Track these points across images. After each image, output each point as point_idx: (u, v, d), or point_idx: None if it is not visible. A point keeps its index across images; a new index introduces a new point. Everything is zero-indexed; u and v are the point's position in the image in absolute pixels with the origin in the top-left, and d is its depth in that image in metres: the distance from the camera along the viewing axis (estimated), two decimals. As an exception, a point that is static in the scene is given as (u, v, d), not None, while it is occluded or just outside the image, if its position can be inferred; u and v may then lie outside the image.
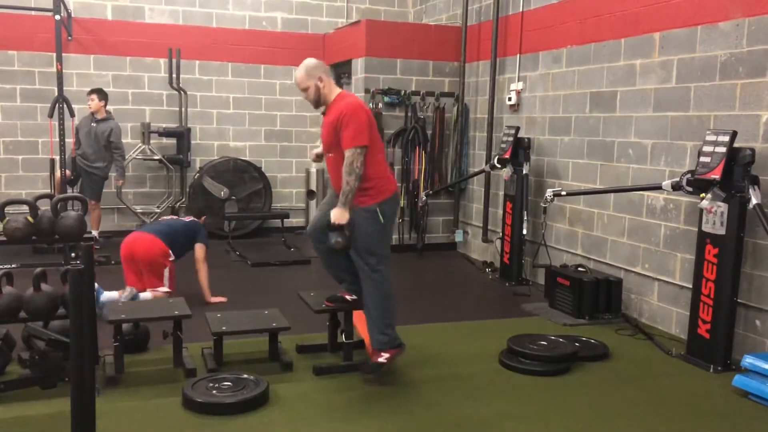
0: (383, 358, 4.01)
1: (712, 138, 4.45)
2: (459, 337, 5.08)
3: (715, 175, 4.33)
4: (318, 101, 3.97)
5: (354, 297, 4.24)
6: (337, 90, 4.01)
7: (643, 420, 3.70)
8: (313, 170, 9.27)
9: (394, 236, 8.21)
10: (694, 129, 4.97)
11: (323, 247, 4.12)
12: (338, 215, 3.83)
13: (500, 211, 7.17)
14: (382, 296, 4.00)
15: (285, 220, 8.76)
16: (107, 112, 7.78)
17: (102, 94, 7.69)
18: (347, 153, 3.80)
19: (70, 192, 7.63)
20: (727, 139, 4.35)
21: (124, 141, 8.60)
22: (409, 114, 8.01)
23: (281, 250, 8.13)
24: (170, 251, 5.55)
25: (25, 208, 4.12)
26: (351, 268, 4.12)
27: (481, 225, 7.73)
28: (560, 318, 5.52)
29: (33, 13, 7.99)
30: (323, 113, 4.01)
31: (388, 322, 4.04)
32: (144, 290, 5.38)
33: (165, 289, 5.43)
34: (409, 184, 8.06)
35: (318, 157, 4.34)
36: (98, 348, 4.11)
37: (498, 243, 7.17)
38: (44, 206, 4.26)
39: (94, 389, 2.85)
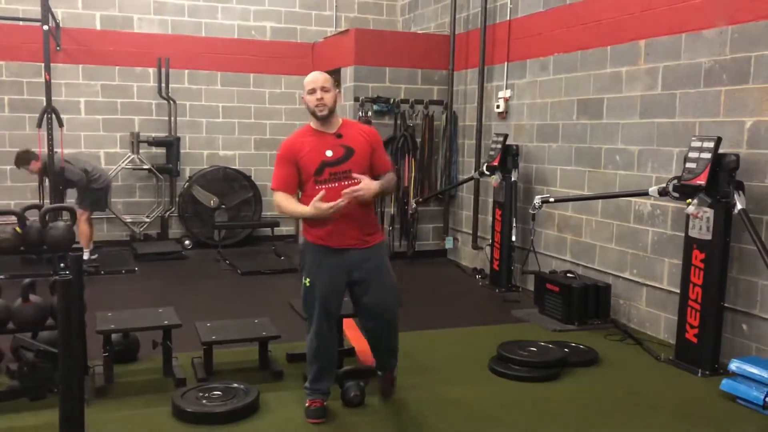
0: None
1: (698, 144, 4.50)
2: (449, 343, 5.09)
3: (701, 181, 4.38)
4: (331, 111, 3.56)
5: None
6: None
7: (632, 425, 3.72)
8: (303, 178, 9.26)
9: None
10: (680, 135, 5.02)
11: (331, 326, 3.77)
12: (367, 187, 3.49)
13: (489, 218, 7.20)
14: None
15: (275, 228, 8.76)
16: None
17: None
18: (390, 174, 3.75)
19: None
20: (712, 145, 4.39)
21: (113, 151, 8.64)
22: (398, 122, 8.03)
23: (271, 258, 8.13)
24: None
25: (13, 218, 4.11)
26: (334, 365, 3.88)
27: (471, 232, 7.76)
28: (550, 324, 5.54)
29: (21, 23, 7.98)
30: (338, 135, 3.60)
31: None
32: None
33: None
34: (398, 191, 8.07)
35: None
36: (87, 358, 4.10)
37: (488, 250, 7.19)
38: (33, 217, 4.25)
39: (83, 400, 2.84)
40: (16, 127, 8.24)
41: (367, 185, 3.49)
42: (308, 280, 3.63)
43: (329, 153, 3.56)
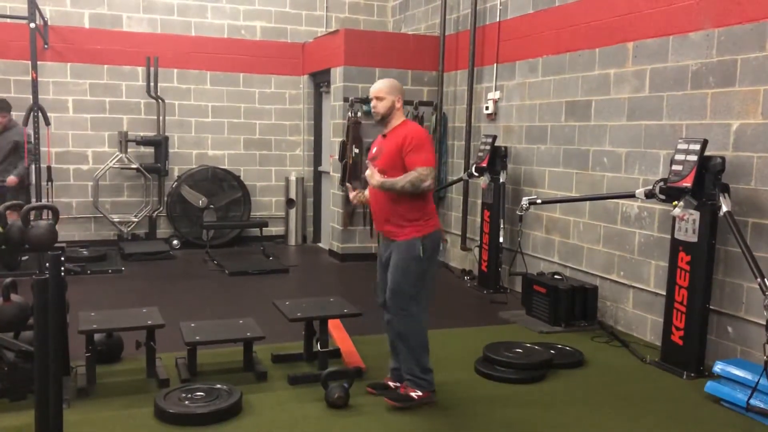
0: (416, 394, 3.86)
1: (684, 146, 4.51)
2: (436, 344, 5.00)
3: (687, 183, 4.38)
4: (385, 117, 3.85)
5: (398, 385, 4.02)
6: (404, 117, 3.94)
7: (617, 427, 3.71)
8: (293, 179, 9.25)
9: (374, 244, 8.22)
10: (667, 137, 5.02)
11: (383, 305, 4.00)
12: (370, 176, 3.79)
13: (478, 220, 7.20)
14: (416, 342, 3.85)
15: (264, 228, 8.73)
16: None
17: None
18: (419, 170, 3.69)
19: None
20: (698, 147, 4.40)
21: (101, 150, 8.59)
22: (388, 123, 8.01)
23: (260, 259, 8.10)
24: None
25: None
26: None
27: (460, 233, 7.75)
28: (536, 325, 5.54)
29: (8, 20, 7.92)
30: (384, 135, 3.91)
31: (424, 367, 3.90)
32: None
33: None
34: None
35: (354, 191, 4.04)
36: (70, 358, 4.07)
37: (476, 251, 7.19)
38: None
39: (61, 401, 2.81)
40: (3, 125, 8.17)
41: (368, 174, 3.82)
42: None
43: (374, 150, 3.98)
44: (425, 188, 3.74)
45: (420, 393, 3.88)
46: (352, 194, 4.00)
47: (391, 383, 4.07)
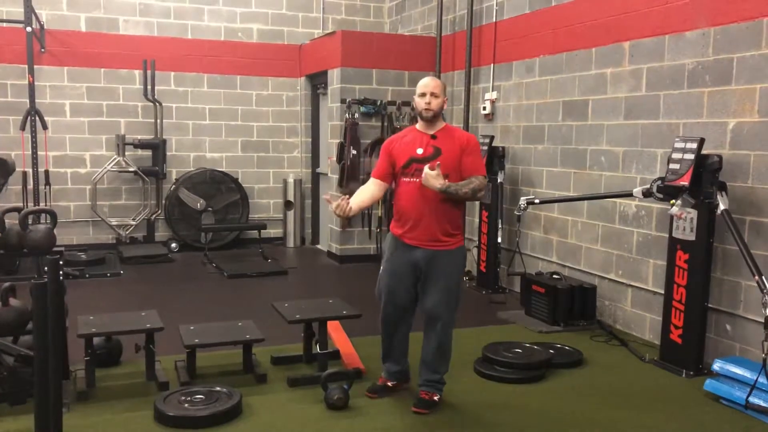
0: (437, 398, 3.91)
1: (681, 145, 4.52)
2: (435, 345, 5.07)
3: (684, 182, 4.39)
4: (436, 114, 3.77)
5: (395, 383, 4.08)
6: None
7: (616, 426, 3.72)
8: (291, 181, 9.25)
9: (372, 245, 8.23)
10: (664, 136, 5.03)
11: (395, 315, 3.96)
12: (434, 177, 3.57)
13: (476, 220, 7.20)
14: (451, 349, 3.96)
15: (262, 231, 8.73)
16: None
17: None
18: (480, 179, 3.72)
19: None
20: (695, 146, 4.41)
21: (99, 153, 8.58)
22: (385, 124, 8.03)
23: (258, 261, 8.10)
24: None
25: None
26: (406, 346, 4.07)
27: (458, 234, 7.75)
28: (536, 325, 5.54)
29: (4, 24, 7.91)
30: (433, 136, 3.77)
31: (445, 372, 3.99)
32: None
33: None
34: (386, 193, 8.04)
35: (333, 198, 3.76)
36: (69, 362, 4.07)
37: (475, 251, 7.20)
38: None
39: (61, 405, 2.82)
40: (0, 129, 8.17)
41: (433, 174, 3.58)
42: (382, 267, 3.98)
43: (420, 150, 3.77)
44: (479, 198, 3.82)
45: (439, 395, 3.94)
46: (334, 204, 3.60)
47: (389, 383, 4.07)
